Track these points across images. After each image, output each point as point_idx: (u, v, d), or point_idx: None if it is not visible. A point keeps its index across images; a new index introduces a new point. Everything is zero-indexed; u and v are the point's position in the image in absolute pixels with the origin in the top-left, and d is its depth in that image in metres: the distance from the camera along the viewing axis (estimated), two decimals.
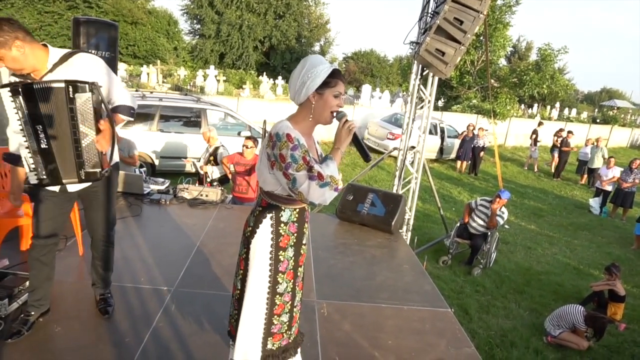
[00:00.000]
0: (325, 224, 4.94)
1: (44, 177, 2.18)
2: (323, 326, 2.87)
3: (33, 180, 2.20)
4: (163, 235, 4.06)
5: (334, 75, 1.81)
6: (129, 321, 2.66)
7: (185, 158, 7.59)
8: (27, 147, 2.13)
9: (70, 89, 2.07)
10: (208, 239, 4.07)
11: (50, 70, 2.17)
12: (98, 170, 2.25)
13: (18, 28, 2.04)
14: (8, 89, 2.04)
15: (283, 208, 1.88)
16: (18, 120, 2.09)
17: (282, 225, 1.89)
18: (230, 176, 5.88)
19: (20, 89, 2.03)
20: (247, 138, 5.51)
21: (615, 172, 10.45)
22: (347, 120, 1.84)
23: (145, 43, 24.91)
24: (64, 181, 2.22)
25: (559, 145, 13.62)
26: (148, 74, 17.27)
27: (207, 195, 5.08)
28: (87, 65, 2.25)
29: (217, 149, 6.07)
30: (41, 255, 2.37)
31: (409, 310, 3.23)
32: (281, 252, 1.90)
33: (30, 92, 2.04)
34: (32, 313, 2.45)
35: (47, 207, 2.35)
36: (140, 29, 24.98)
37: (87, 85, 2.11)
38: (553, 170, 13.96)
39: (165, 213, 4.63)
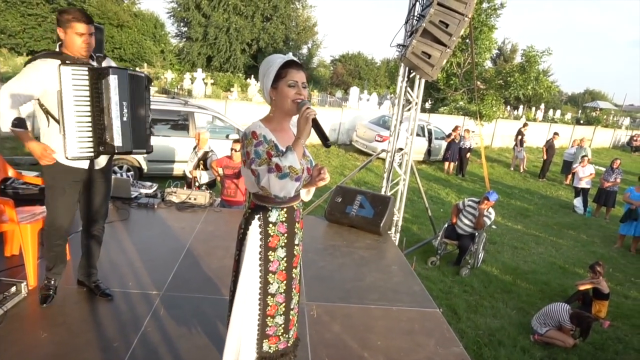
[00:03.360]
0: (314, 226, 4.95)
1: (120, 144, 2.49)
2: (313, 328, 2.88)
3: (115, 147, 2.49)
4: (151, 240, 4.03)
5: (286, 65, 1.81)
6: (117, 326, 2.65)
7: (173, 162, 7.54)
8: (117, 118, 2.46)
9: (147, 81, 2.53)
10: (197, 242, 4.05)
11: (98, 61, 2.61)
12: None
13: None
14: (107, 72, 2.44)
15: (270, 208, 1.89)
16: (86, 96, 2.44)
17: (270, 225, 1.89)
18: (219, 179, 5.86)
19: (116, 73, 2.44)
20: (235, 141, 5.49)
21: (590, 169, 10.70)
22: (307, 109, 1.77)
23: (131, 46, 24.68)
24: (134, 151, 2.61)
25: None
26: None
27: (195, 199, 5.06)
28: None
29: (206, 153, 6.05)
30: (58, 240, 2.68)
31: (398, 310, 3.26)
32: (270, 252, 1.90)
33: (128, 76, 2.47)
34: (53, 281, 2.78)
35: (65, 198, 2.56)
36: (127, 32, 24.74)
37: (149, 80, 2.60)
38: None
39: (153, 217, 4.60)
